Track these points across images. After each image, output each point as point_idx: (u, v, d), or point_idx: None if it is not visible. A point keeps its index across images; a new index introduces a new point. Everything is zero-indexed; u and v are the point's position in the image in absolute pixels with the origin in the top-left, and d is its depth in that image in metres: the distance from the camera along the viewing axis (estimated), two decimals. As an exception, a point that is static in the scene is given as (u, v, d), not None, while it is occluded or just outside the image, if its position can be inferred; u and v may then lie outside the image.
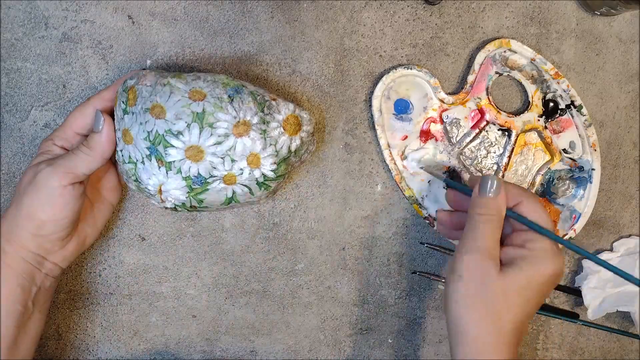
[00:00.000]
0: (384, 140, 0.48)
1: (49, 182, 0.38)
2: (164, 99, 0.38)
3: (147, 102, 0.38)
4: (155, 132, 0.38)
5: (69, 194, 0.39)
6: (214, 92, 0.38)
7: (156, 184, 0.40)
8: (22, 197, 0.39)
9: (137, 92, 0.39)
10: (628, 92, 0.53)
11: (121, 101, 0.40)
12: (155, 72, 0.40)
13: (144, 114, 0.38)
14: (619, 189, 0.55)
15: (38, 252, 0.40)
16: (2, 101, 0.45)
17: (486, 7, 0.49)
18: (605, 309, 0.53)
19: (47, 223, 0.39)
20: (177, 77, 0.39)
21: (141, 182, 0.40)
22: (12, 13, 0.44)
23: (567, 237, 0.52)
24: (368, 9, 0.48)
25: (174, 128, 0.38)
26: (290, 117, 0.40)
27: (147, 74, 0.39)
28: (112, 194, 0.45)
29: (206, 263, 0.49)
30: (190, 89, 0.38)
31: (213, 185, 0.40)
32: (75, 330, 0.49)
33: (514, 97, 0.51)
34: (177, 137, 0.38)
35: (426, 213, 0.50)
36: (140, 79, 0.39)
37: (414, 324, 0.53)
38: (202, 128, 0.38)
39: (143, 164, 0.40)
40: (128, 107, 0.39)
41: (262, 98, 0.39)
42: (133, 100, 0.39)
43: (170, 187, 0.40)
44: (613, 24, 0.52)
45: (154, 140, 0.38)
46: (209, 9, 0.46)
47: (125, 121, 0.40)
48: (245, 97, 0.39)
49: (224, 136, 0.38)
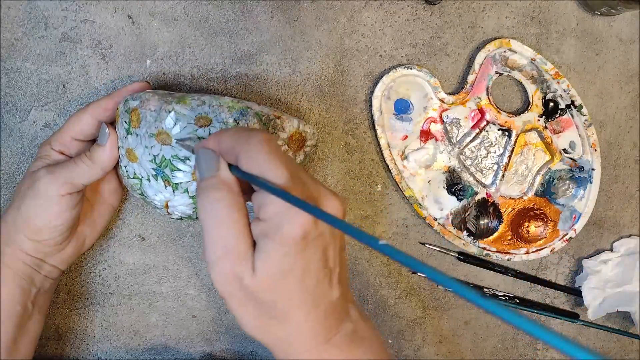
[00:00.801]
0: (384, 140, 0.48)
1: (47, 190, 0.38)
2: (169, 126, 0.37)
3: (152, 127, 0.37)
4: (161, 157, 0.38)
5: (66, 202, 0.39)
6: (220, 117, 0.38)
7: (163, 200, 0.40)
8: (20, 202, 0.39)
9: (141, 116, 0.38)
10: (628, 92, 0.53)
11: (124, 120, 0.39)
12: (158, 95, 0.38)
13: (149, 138, 0.38)
14: (619, 189, 0.55)
15: (36, 255, 0.40)
16: (2, 101, 0.45)
17: (486, 7, 0.49)
18: (605, 309, 0.53)
19: (44, 229, 0.39)
20: (181, 103, 0.37)
21: (147, 197, 0.41)
22: (12, 13, 0.44)
23: (567, 237, 0.52)
24: (368, 9, 0.48)
25: (180, 154, 0.38)
26: (294, 133, 0.40)
27: (151, 98, 0.38)
28: (112, 196, 0.45)
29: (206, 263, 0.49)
30: (196, 116, 0.37)
31: None
32: (75, 330, 0.49)
33: (514, 97, 0.51)
34: (184, 162, 0.38)
35: (426, 213, 0.50)
36: (144, 102, 0.38)
37: (414, 324, 0.53)
38: None
39: (149, 182, 0.40)
40: (131, 128, 0.39)
41: (266, 118, 0.39)
42: (136, 122, 0.38)
43: (177, 204, 0.40)
44: (613, 24, 0.52)
45: (160, 164, 0.38)
46: (209, 9, 0.46)
47: (129, 141, 0.39)
48: (250, 118, 0.38)
49: None
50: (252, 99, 0.47)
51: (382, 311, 0.52)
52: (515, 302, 0.54)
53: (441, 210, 0.50)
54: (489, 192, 0.51)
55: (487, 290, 0.53)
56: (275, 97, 0.47)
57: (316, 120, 0.48)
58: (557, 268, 0.55)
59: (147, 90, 0.39)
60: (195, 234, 0.49)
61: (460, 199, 0.50)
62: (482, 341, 0.55)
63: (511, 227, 0.52)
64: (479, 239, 0.51)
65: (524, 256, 0.52)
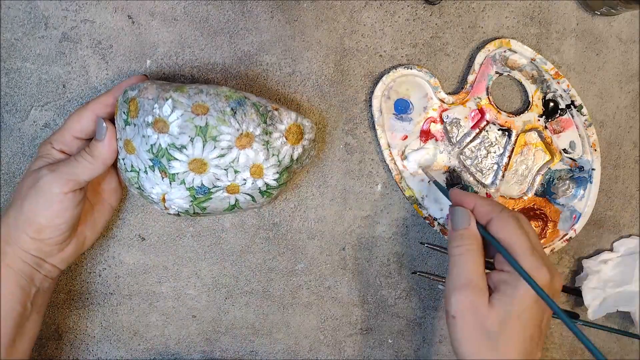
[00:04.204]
0: (384, 140, 0.48)
1: (50, 188, 0.38)
2: (166, 113, 0.37)
3: (150, 116, 0.38)
4: (158, 146, 0.38)
5: (69, 200, 0.39)
6: (217, 105, 0.38)
7: (159, 193, 0.40)
8: (23, 201, 0.39)
9: (139, 105, 0.38)
10: (628, 92, 0.53)
11: (122, 111, 0.39)
12: (157, 84, 0.39)
13: (147, 127, 0.38)
14: (619, 189, 0.55)
15: (37, 255, 0.40)
16: (2, 101, 0.45)
17: (486, 7, 0.49)
18: (605, 309, 0.53)
19: (46, 228, 0.39)
20: (179, 91, 0.38)
21: (144, 190, 0.41)
22: (12, 13, 0.44)
23: (567, 237, 0.52)
24: (368, 9, 0.48)
25: (177, 142, 0.38)
26: (292, 126, 0.40)
27: (149, 86, 0.38)
28: (112, 196, 0.45)
29: (206, 263, 0.49)
30: (193, 103, 0.38)
31: (216, 194, 0.40)
32: (75, 330, 0.49)
33: (514, 97, 0.51)
34: (180, 151, 0.38)
35: (426, 213, 0.50)
36: (142, 91, 0.38)
37: (414, 324, 0.53)
38: (206, 141, 0.38)
39: (146, 174, 0.40)
40: (130, 119, 0.39)
41: (264, 109, 0.39)
42: (135, 112, 0.38)
43: (173, 197, 0.40)
44: (613, 24, 0.52)
45: (157, 153, 0.38)
46: (209, 9, 0.46)
47: (127, 132, 0.39)
48: (247, 109, 0.38)
49: (227, 149, 0.38)
50: (252, 99, 0.47)
51: (382, 311, 0.52)
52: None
53: (441, 210, 0.50)
54: (489, 192, 0.51)
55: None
56: (275, 97, 0.48)
57: (316, 120, 0.48)
58: (557, 268, 0.55)
59: (146, 81, 0.40)
60: (195, 234, 0.49)
61: (460, 199, 0.50)
62: (482, 341, 0.55)
63: (511, 227, 0.52)
64: (479, 239, 0.51)
65: (524, 256, 0.52)
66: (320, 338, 0.52)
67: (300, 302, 0.51)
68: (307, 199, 0.50)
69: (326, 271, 0.51)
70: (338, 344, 0.52)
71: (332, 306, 0.52)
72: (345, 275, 0.51)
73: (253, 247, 0.50)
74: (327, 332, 0.52)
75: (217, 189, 0.40)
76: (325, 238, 0.50)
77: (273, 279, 0.50)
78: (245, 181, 0.40)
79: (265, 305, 0.51)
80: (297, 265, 0.50)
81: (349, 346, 0.52)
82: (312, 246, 0.50)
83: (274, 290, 0.51)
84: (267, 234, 0.50)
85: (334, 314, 0.52)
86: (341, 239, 0.51)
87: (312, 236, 0.50)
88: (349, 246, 0.51)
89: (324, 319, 0.52)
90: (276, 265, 0.50)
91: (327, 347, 0.52)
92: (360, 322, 0.52)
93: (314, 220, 0.50)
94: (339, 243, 0.51)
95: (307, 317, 0.51)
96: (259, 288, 0.50)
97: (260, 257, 0.50)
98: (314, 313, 0.51)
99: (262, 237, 0.50)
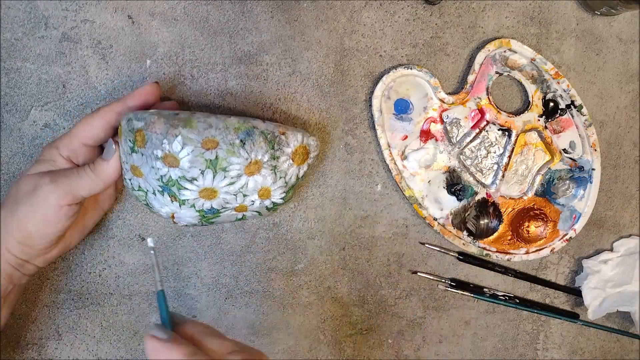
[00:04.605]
0: (384, 140, 0.48)
1: (48, 199, 0.38)
2: (177, 149, 0.37)
3: (159, 150, 0.37)
4: (168, 177, 0.38)
5: (64, 213, 0.39)
6: (226, 138, 0.38)
7: (169, 212, 0.41)
8: (17, 205, 0.38)
9: (147, 138, 0.38)
10: (628, 92, 0.53)
11: (128, 139, 0.39)
12: (164, 117, 0.38)
13: (156, 160, 0.38)
14: (619, 189, 0.55)
15: (21, 257, 0.40)
16: (2, 101, 0.45)
17: (486, 7, 0.49)
18: (606, 309, 0.53)
19: (36, 236, 0.39)
20: (188, 127, 0.37)
21: (152, 208, 0.41)
22: (12, 13, 0.44)
23: (567, 237, 0.52)
24: (368, 9, 0.48)
25: (187, 175, 0.38)
26: (298, 148, 0.41)
27: (156, 120, 0.38)
28: (107, 201, 0.45)
29: (206, 263, 0.49)
30: (203, 139, 0.38)
31: (225, 213, 0.42)
32: (75, 330, 0.49)
33: (514, 97, 0.51)
34: (191, 182, 0.38)
35: (426, 213, 0.50)
36: (149, 125, 0.38)
37: (414, 324, 0.53)
38: (216, 173, 0.38)
39: (154, 195, 0.40)
40: (137, 147, 0.38)
41: (272, 135, 0.39)
42: (142, 142, 0.38)
43: (183, 216, 0.41)
44: (613, 24, 0.52)
45: (167, 183, 0.39)
46: (209, 9, 0.46)
47: (134, 158, 0.39)
48: (256, 138, 0.39)
49: (236, 177, 0.39)
50: (252, 99, 0.47)
51: (382, 311, 0.52)
52: (515, 302, 0.54)
53: (441, 210, 0.50)
54: (489, 192, 0.51)
55: (487, 290, 0.53)
56: (275, 97, 0.47)
57: (316, 120, 0.48)
58: (557, 268, 0.55)
59: (152, 111, 0.39)
60: (195, 234, 0.49)
61: (460, 199, 0.50)
62: (482, 341, 0.55)
63: (511, 227, 0.52)
64: (479, 239, 0.51)
65: (524, 256, 0.52)
66: (320, 338, 0.52)
67: (300, 302, 0.51)
68: (307, 199, 0.50)
69: (326, 271, 0.51)
70: (338, 344, 0.52)
71: (332, 306, 0.52)
72: (345, 275, 0.51)
73: (253, 247, 0.50)
74: (327, 332, 0.52)
75: (226, 209, 0.41)
76: (325, 238, 0.50)
77: (273, 279, 0.50)
78: (254, 202, 0.41)
79: (265, 305, 0.51)
80: (297, 265, 0.50)
81: (349, 346, 0.52)
82: (312, 246, 0.50)
83: (274, 290, 0.51)
84: (267, 234, 0.50)
85: (334, 314, 0.52)
86: (341, 239, 0.51)
87: (312, 236, 0.50)
88: (349, 246, 0.51)
89: (324, 319, 0.52)
90: (276, 265, 0.50)
91: (327, 347, 0.52)
92: (360, 322, 0.52)
93: (314, 220, 0.50)
94: (339, 243, 0.51)
95: (307, 317, 0.51)
96: (259, 288, 0.50)
97: (260, 257, 0.50)
98: (314, 313, 0.51)
99: (262, 237, 0.50)
